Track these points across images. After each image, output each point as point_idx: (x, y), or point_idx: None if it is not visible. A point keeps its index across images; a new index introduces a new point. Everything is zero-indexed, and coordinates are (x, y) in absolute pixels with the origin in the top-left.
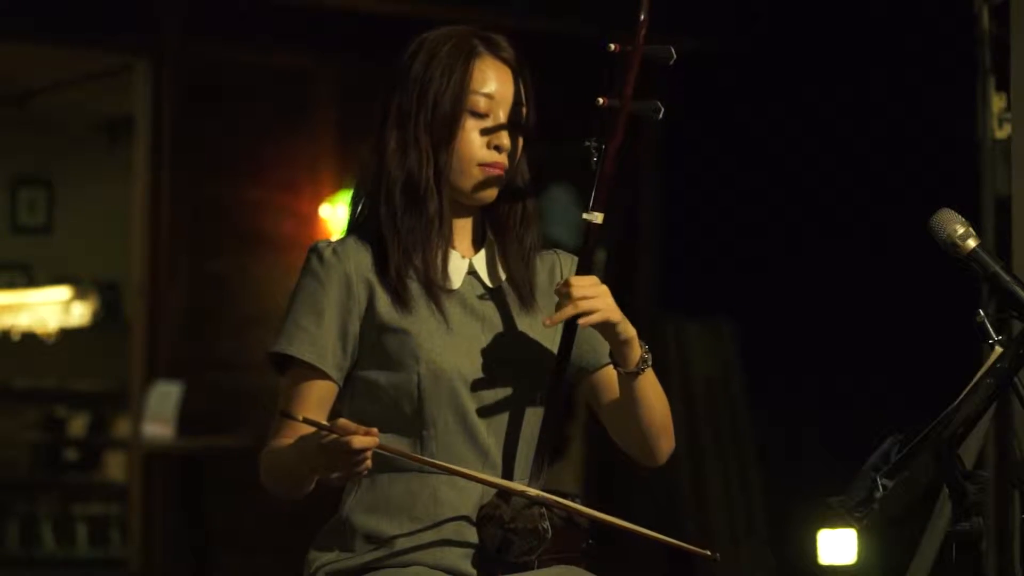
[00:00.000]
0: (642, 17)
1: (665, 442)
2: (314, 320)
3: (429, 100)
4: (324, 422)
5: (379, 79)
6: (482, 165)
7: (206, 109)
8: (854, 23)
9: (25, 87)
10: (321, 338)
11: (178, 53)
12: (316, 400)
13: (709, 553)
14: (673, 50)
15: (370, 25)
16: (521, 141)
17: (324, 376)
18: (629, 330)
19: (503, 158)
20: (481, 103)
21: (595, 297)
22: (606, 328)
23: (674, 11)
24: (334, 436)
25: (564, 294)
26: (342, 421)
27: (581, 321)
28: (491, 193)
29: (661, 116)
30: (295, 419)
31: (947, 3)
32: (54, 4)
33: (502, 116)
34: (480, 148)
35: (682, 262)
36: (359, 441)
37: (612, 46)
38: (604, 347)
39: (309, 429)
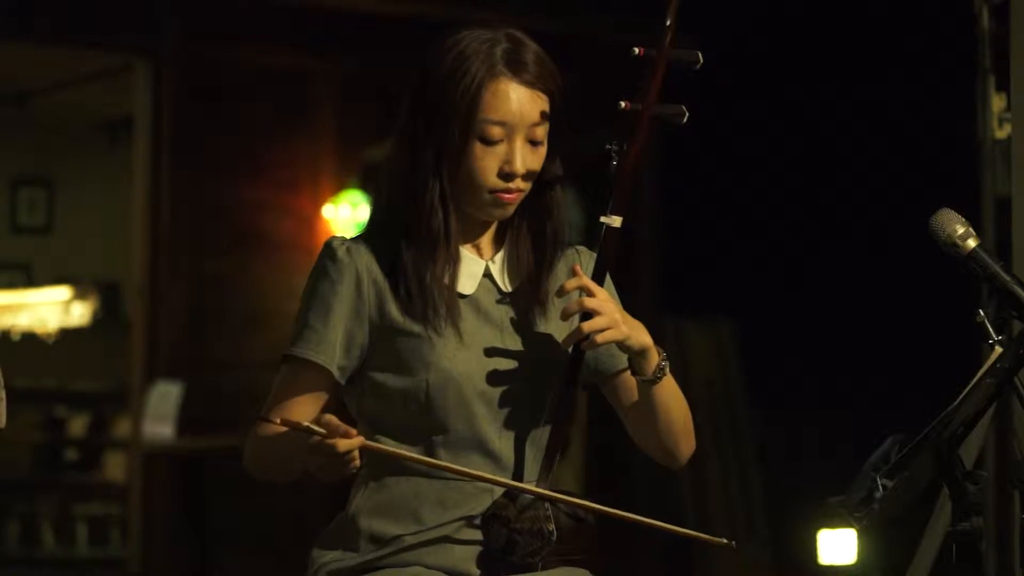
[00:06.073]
0: (668, 21)
1: (685, 445)
2: (322, 319)
3: (440, 120)
4: (315, 418)
5: (379, 79)
6: (493, 191)
7: (206, 109)
8: (854, 23)
9: (25, 87)
10: (327, 336)
11: (178, 53)
12: (313, 394)
13: (726, 541)
14: (700, 55)
15: (370, 25)
16: (544, 157)
17: (326, 373)
18: (643, 340)
19: (516, 184)
20: (493, 131)
21: (601, 315)
22: (617, 345)
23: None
24: (319, 439)
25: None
26: (327, 418)
27: (584, 345)
28: (503, 214)
29: (685, 121)
30: (272, 422)
31: (947, 3)
32: (54, 4)
33: (518, 142)
34: (491, 175)
35: (682, 262)
36: (343, 444)
37: (636, 50)
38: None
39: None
